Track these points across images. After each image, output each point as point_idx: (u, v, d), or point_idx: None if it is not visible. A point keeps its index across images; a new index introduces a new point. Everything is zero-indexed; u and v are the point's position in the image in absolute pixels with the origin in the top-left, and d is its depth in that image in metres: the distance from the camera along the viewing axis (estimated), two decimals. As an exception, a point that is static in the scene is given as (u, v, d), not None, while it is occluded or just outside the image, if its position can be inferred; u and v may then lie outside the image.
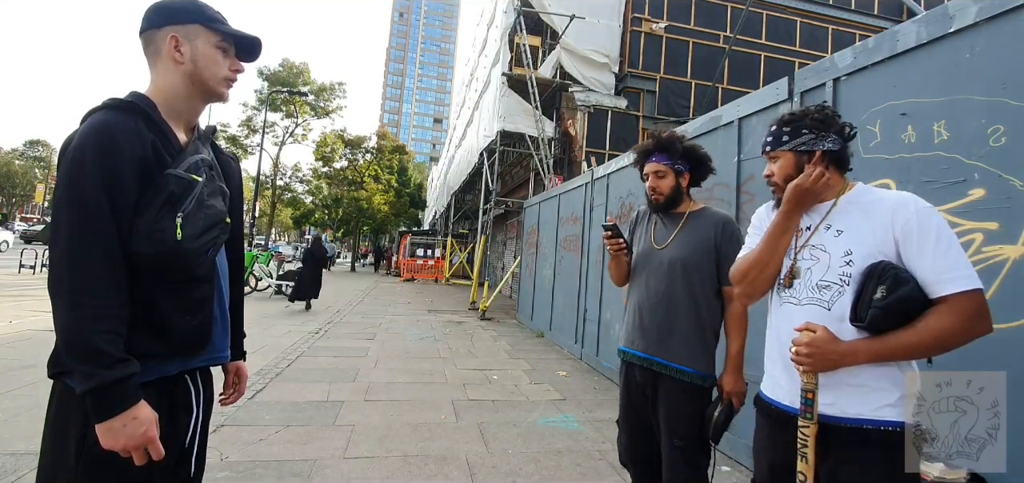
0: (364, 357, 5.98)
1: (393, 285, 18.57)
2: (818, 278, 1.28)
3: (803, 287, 1.30)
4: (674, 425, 1.82)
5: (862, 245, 1.23)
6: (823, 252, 1.29)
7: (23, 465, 2.72)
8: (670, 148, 2.00)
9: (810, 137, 1.33)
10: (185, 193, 1.10)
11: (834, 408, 1.21)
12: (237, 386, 1.46)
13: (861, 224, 1.25)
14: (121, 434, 1.00)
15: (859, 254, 1.22)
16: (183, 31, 1.17)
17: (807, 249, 1.33)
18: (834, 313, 1.23)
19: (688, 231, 1.96)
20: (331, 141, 32.84)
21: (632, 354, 1.98)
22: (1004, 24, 1.99)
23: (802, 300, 1.30)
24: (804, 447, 1.21)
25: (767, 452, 1.38)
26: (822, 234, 1.31)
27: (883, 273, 1.16)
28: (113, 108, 1.09)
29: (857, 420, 1.19)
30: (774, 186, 1.42)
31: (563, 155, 13.46)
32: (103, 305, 0.99)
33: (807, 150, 1.34)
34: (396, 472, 2.96)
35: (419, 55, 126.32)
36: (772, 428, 1.35)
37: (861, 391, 1.20)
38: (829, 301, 1.25)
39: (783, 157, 1.38)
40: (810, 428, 1.21)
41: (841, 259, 1.25)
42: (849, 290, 1.22)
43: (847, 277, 1.23)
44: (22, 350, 5.19)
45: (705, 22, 14.05)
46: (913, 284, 1.14)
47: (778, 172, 1.39)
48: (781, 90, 3.23)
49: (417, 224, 40.00)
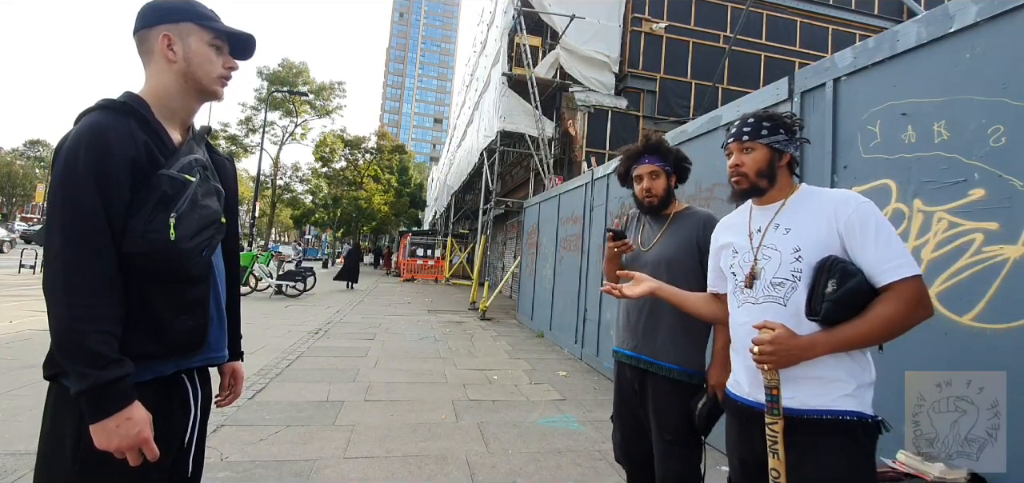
0: (364, 357, 5.98)
1: (393, 285, 18.57)
2: (772, 276, 1.32)
3: (760, 286, 1.35)
4: (663, 421, 1.87)
5: (809, 241, 1.28)
6: (774, 250, 1.34)
7: (23, 465, 2.72)
8: (661, 149, 2.05)
9: (784, 138, 1.39)
10: (178, 193, 1.09)
11: (795, 401, 1.25)
12: (233, 387, 1.45)
13: (807, 221, 1.31)
14: (115, 435, 1.00)
15: (807, 249, 1.28)
16: (176, 29, 1.17)
17: (761, 249, 1.37)
18: (790, 309, 1.28)
19: (673, 231, 2.01)
20: (331, 141, 32.83)
21: (623, 353, 2.04)
22: (1004, 24, 1.99)
23: (759, 298, 1.34)
24: (774, 443, 1.24)
25: (738, 449, 1.42)
26: (772, 233, 1.36)
27: (832, 267, 1.22)
28: (106, 109, 1.09)
29: (817, 411, 1.24)
30: (740, 178, 1.41)
31: (563, 155, 13.45)
32: (97, 306, 1.00)
33: (780, 149, 1.39)
34: (396, 472, 2.96)
35: (419, 55, 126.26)
36: (740, 425, 1.39)
37: (820, 383, 1.24)
38: (784, 297, 1.29)
39: (759, 150, 1.39)
40: (778, 423, 1.24)
41: (791, 255, 1.30)
42: (801, 285, 1.27)
43: (798, 273, 1.28)
44: (22, 350, 5.19)
45: (705, 22, 14.05)
46: (860, 276, 1.20)
47: (750, 164, 1.39)
48: (781, 90, 3.23)
49: (417, 224, 40.01)
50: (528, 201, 11.29)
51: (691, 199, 4.07)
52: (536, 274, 9.23)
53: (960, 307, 2.04)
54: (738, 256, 1.42)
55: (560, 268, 7.71)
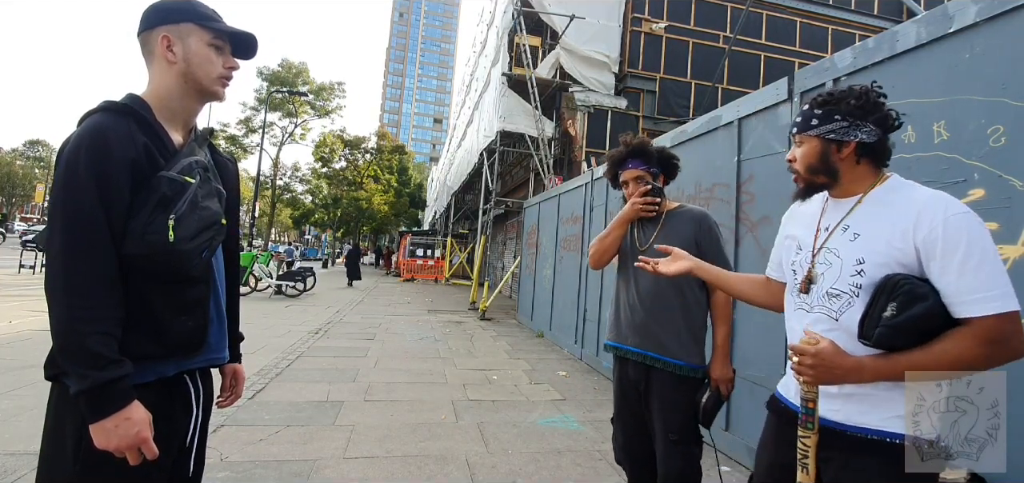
0: (364, 357, 5.98)
1: (393, 285, 18.57)
2: (829, 285, 1.18)
3: (816, 293, 1.22)
4: (667, 416, 1.88)
5: (876, 253, 1.11)
6: (836, 257, 1.19)
7: (23, 465, 2.72)
8: (644, 153, 2.06)
9: (842, 125, 1.18)
10: (178, 195, 1.10)
11: (839, 414, 1.16)
12: (234, 388, 1.46)
13: (880, 228, 1.13)
14: (114, 435, 1.01)
15: (872, 263, 1.11)
16: (176, 30, 1.18)
17: (823, 252, 1.23)
18: (842, 325, 1.15)
19: (668, 229, 2.02)
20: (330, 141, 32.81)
21: (625, 349, 2.04)
22: (1004, 24, 1.99)
23: (813, 307, 1.22)
24: (805, 458, 1.17)
25: (770, 449, 1.36)
26: (838, 236, 1.20)
27: (895, 287, 1.06)
28: (107, 111, 1.10)
29: (862, 429, 1.13)
30: (795, 176, 1.28)
31: (563, 155, 13.46)
32: (97, 306, 1.00)
33: (837, 140, 1.18)
34: (396, 472, 2.96)
35: (419, 55, 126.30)
36: (780, 427, 1.33)
37: (869, 400, 1.13)
38: (838, 311, 1.16)
39: (808, 143, 1.23)
40: (811, 438, 1.16)
41: (852, 267, 1.14)
42: (859, 302, 1.12)
43: (858, 287, 1.12)
44: (22, 350, 5.19)
45: (705, 22, 14.05)
46: (931, 302, 1.03)
47: (800, 159, 1.25)
48: (781, 90, 3.23)
49: (417, 224, 40.02)
50: (528, 201, 11.29)
51: (691, 199, 4.07)
52: (536, 274, 9.23)
53: (960, 307, 2.03)
54: (801, 254, 1.29)
55: (560, 268, 7.71)
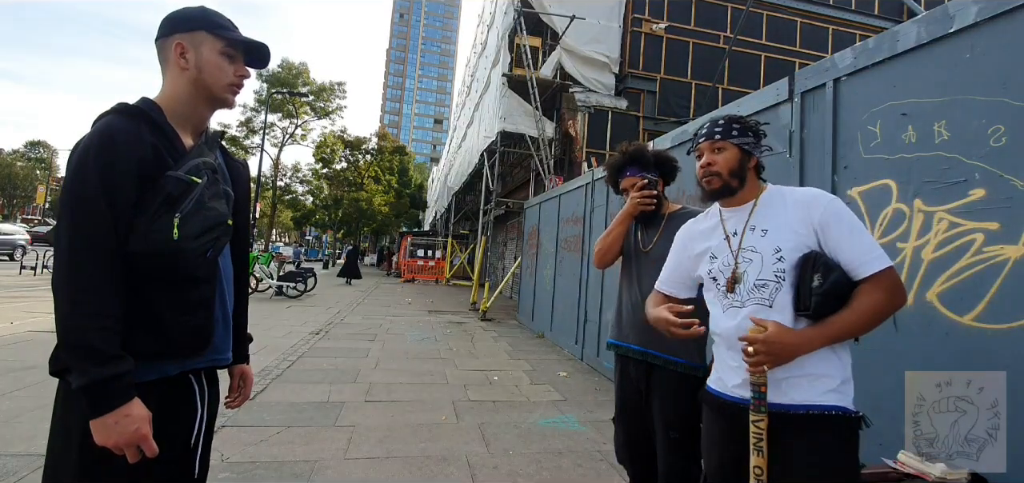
0: (365, 358, 5.99)
1: (394, 286, 18.58)
2: (755, 278, 1.34)
3: (742, 289, 1.36)
4: (668, 414, 1.90)
5: (788, 240, 1.32)
6: (755, 253, 1.36)
7: (24, 466, 2.73)
8: (641, 159, 2.08)
9: (752, 141, 1.44)
10: (183, 194, 1.12)
11: (783, 398, 1.27)
12: (242, 389, 1.46)
13: (783, 221, 1.35)
14: (113, 431, 1.02)
15: (787, 249, 1.31)
16: (189, 38, 1.21)
17: (742, 252, 1.39)
18: (775, 308, 1.30)
19: (670, 231, 2.03)
20: (331, 142, 32.82)
21: (627, 348, 2.06)
22: (1004, 24, 1.99)
23: (745, 301, 1.35)
24: (759, 441, 1.25)
25: (718, 447, 1.43)
26: (750, 236, 1.39)
27: (816, 262, 1.26)
28: (119, 113, 1.13)
29: (804, 406, 1.26)
30: (711, 177, 1.44)
31: (563, 156, 13.46)
32: (100, 303, 1.02)
33: (748, 151, 1.43)
34: (397, 473, 2.96)
35: (419, 56, 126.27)
36: (723, 422, 1.41)
37: (807, 379, 1.27)
38: (769, 298, 1.31)
39: (730, 149, 1.43)
40: (763, 421, 1.25)
41: (772, 256, 1.32)
42: (786, 285, 1.29)
43: (782, 273, 1.30)
44: (23, 351, 5.20)
45: (705, 22, 14.05)
46: (840, 269, 1.25)
47: (723, 163, 1.43)
48: (781, 90, 3.23)
49: (418, 225, 40.04)
50: (528, 202, 11.30)
51: (693, 200, 4.07)
52: (536, 275, 9.23)
53: (960, 307, 2.03)
54: (717, 260, 1.44)
55: (560, 269, 7.71)
